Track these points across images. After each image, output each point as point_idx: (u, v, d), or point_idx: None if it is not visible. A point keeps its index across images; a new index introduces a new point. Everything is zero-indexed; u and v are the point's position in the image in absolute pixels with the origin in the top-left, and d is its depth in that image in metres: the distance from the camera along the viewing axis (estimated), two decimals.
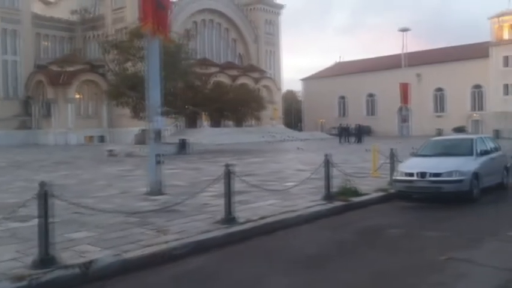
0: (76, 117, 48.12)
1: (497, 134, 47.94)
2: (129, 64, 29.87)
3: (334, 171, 11.01)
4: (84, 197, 11.07)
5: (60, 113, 47.01)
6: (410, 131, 63.57)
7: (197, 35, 57.45)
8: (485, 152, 11.41)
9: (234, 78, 54.25)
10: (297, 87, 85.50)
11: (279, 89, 61.70)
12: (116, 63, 29.50)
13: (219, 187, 8.59)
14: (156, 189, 11.00)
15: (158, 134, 11.25)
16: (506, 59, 48.62)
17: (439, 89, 62.63)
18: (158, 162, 11.10)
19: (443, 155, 11.52)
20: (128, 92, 28.81)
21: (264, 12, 64.11)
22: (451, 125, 58.72)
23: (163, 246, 6.52)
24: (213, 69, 53.17)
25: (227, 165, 8.04)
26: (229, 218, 7.83)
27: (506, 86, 48.76)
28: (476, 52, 54.93)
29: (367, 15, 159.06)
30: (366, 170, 14.99)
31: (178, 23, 53.71)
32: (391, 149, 12.95)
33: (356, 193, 10.99)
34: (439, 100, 63.17)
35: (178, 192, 11.47)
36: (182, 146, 28.36)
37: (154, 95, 11.11)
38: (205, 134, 49.45)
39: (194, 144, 31.33)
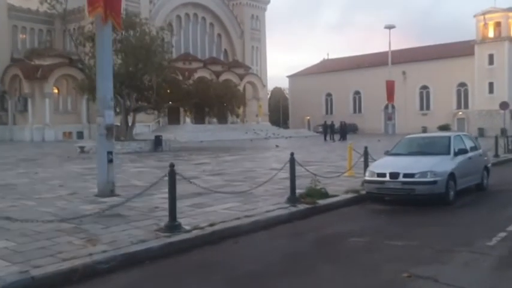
0: (54, 113, 46.70)
1: (482, 133, 47.65)
2: None
3: (309, 170, 10.21)
4: (27, 198, 10.12)
5: (36, 108, 45.58)
6: (395, 129, 63.13)
7: (181, 29, 56.36)
8: (463, 151, 10.66)
9: (217, 74, 53.19)
10: (286, 84, 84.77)
11: (265, 86, 60.77)
12: (90, 57, 28.36)
13: (178, 188, 7.73)
14: (107, 191, 10.07)
15: (110, 130, 10.29)
16: (491, 57, 48.27)
17: (425, 87, 62.27)
18: (110, 161, 10.16)
19: (418, 154, 10.76)
20: None
21: (250, 7, 63.09)
22: (436, 123, 58.40)
23: (86, 260, 5.63)
24: (195, 65, 52.09)
25: (172, 165, 7.13)
26: (172, 225, 6.95)
27: (491, 84, 48.43)
28: (462, 50, 54.59)
29: (356, 14, 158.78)
30: (343, 169, 14.20)
31: (160, 16, 52.54)
32: (365, 147, 12.17)
33: (324, 195, 10.19)
34: (425, 98, 62.82)
35: (133, 193, 10.54)
36: (157, 143, 27.35)
37: (105, 86, 10.15)
38: (187, 131, 48.47)
39: (171, 141, 30.36)
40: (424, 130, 61.21)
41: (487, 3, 73.84)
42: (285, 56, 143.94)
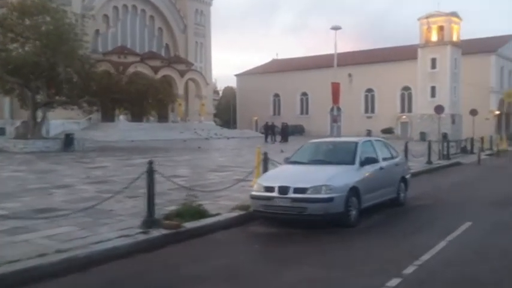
0: None
1: (424, 137, 47.33)
2: (14, 45, 25.58)
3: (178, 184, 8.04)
4: None
5: None
6: (341, 131, 62.33)
7: (118, 21, 53.01)
8: (372, 160, 8.83)
9: (156, 69, 50.29)
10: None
11: (208, 84, 58.23)
12: None
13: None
14: None
15: None
16: (433, 61, 48.01)
17: (370, 90, 61.88)
18: None
19: (320, 162, 8.87)
20: (6, 77, 24.55)
21: (194, 1, 60.35)
22: (380, 127, 58.07)
23: None
24: (131, 59, 48.92)
25: None
26: None
27: (433, 88, 48.16)
28: (407, 54, 54.30)
29: (313, 16, 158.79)
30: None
31: (96, 7, 49.10)
32: (265, 153, 10.16)
33: (200, 214, 8.08)
34: (370, 101, 62.43)
35: None
36: (68, 142, 24.47)
37: None
38: (119, 129, 45.40)
39: (86, 140, 27.44)
40: (369, 133, 60.72)
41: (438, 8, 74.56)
42: (239, 55, 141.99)
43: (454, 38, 48.41)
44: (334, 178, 7.82)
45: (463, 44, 49.72)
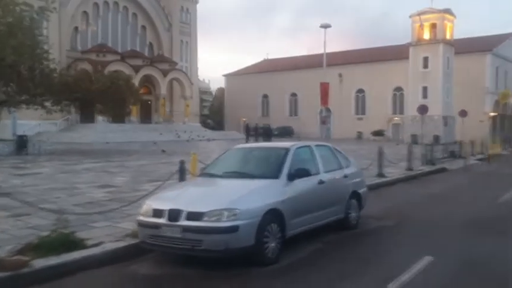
0: None
1: (415, 139, 45.32)
2: None
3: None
4: None
5: None
6: (331, 133, 60.42)
7: (98, 18, 50.95)
8: (306, 172, 6.78)
9: (137, 68, 48.24)
10: None
11: (192, 83, 56.13)
12: None
13: None
14: None
15: None
16: (425, 60, 45.96)
17: (361, 91, 59.88)
18: None
19: (238, 175, 6.80)
20: None
21: None
22: (371, 128, 56.12)
23: None
24: (111, 57, 46.90)
25: None
26: None
27: (425, 89, 46.13)
28: (399, 53, 52.33)
29: (308, 18, 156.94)
30: None
31: (73, 3, 47.07)
32: (181, 161, 8.11)
33: (70, 245, 6.03)
34: (360, 102, 60.43)
35: None
36: (21, 144, 22.41)
37: None
38: (96, 131, 43.44)
39: (44, 142, 25.33)
40: (360, 135, 58.87)
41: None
42: (234, 56, 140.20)
43: (447, 36, 46.41)
44: (244, 199, 5.78)
45: (457, 43, 47.76)
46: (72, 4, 46.87)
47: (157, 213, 5.83)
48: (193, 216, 5.56)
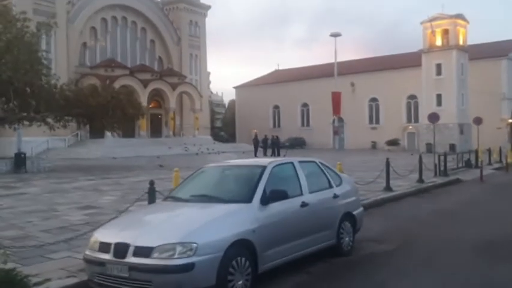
0: None
1: (430, 148, 43.91)
2: None
3: None
4: None
5: None
6: (344, 143, 59.23)
7: (107, 34, 50.92)
8: (284, 194, 5.84)
9: (146, 82, 47.97)
10: None
11: (202, 96, 55.60)
12: None
13: None
14: None
15: None
16: (438, 66, 44.70)
17: (374, 99, 58.58)
18: None
19: (205, 199, 5.91)
20: None
21: (188, 13, 58.16)
22: (386, 138, 54.73)
23: None
24: (119, 72, 46.68)
25: None
26: None
27: (439, 96, 44.80)
28: (412, 61, 51.12)
29: (320, 28, 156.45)
30: None
31: (81, 19, 47.10)
32: (151, 182, 7.27)
33: (8, 285, 5.19)
34: (374, 111, 59.10)
35: None
36: (19, 162, 21.89)
37: None
38: (105, 146, 43.07)
39: (42, 160, 24.81)
40: (374, 145, 57.49)
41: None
42: (247, 68, 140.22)
43: (461, 42, 45.12)
44: (204, 229, 4.89)
45: (471, 48, 46.40)
46: (79, 20, 46.87)
47: (104, 247, 4.99)
48: (141, 252, 4.70)
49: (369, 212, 11.43)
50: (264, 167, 6.05)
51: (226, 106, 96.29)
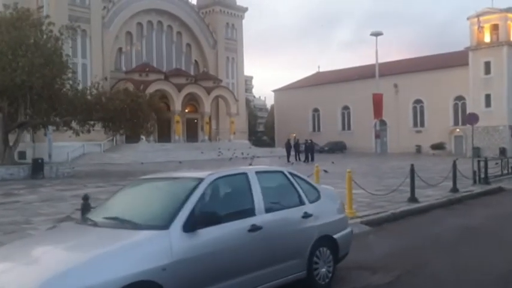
0: None
1: (477, 153, 40.85)
2: None
3: None
4: None
5: None
6: (387, 147, 56.62)
7: (142, 38, 51.09)
8: (216, 218, 4.47)
9: (180, 87, 47.63)
10: None
11: (237, 100, 54.66)
12: None
13: None
14: None
15: None
16: (487, 65, 41.57)
17: (418, 101, 55.59)
18: None
19: (118, 224, 4.55)
20: None
21: (224, 15, 57.57)
22: (431, 141, 51.77)
23: None
24: (154, 77, 46.56)
25: None
26: None
27: (488, 97, 41.66)
28: (459, 60, 48.06)
29: (366, 30, 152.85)
30: None
31: (116, 24, 47.40)
32: (85, 196, 6.13)
33: None
34: (419, 113, 56.07)
35: None
36: (37, 168, 21.58)
37: None
38: (138, 151, 42.96)
39: (60, 165, 24.43)
40: (418, 149, 54.49)
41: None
42: (289, 71, 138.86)
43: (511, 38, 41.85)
44: (81, 270, 3.59)
45: None
46: (115, 25, 47.18)
47: None
48: None
49: (381, 227, 9.87)
50: (199, 181, 4.71)
51: (269, 110, 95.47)
